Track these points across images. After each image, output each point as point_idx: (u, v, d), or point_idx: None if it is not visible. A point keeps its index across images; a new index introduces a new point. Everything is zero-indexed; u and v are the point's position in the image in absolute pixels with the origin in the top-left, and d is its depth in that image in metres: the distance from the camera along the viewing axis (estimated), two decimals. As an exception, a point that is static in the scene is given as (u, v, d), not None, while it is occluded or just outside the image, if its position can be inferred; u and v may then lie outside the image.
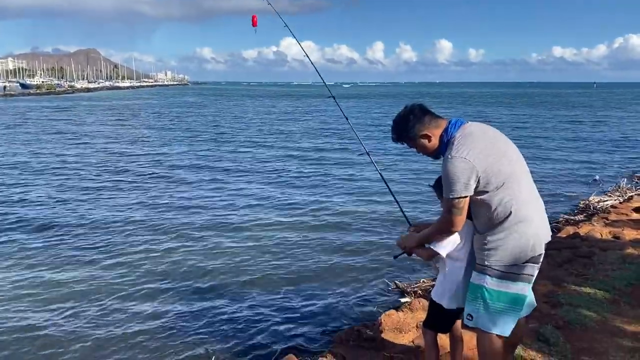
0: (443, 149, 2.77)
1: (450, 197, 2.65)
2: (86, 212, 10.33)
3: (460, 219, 2.70)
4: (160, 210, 10.55)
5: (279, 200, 11.48)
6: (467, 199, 2.66)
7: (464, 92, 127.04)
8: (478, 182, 2.62)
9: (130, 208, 10.71)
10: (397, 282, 6.51)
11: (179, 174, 14.74)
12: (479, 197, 2.68)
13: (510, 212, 2.64)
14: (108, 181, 13.65)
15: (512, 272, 2.70)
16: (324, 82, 4.76)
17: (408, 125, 2.84)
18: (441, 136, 2.80)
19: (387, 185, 3.75)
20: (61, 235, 8.85)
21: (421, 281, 6.34)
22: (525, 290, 2.76)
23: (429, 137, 2.82)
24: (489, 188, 2.64)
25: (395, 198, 3.71)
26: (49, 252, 7.96)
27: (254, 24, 4.40)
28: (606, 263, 5.64)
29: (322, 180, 13.96)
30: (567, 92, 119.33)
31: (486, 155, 2.63)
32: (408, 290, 6.12)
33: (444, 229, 2.79)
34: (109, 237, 8.73)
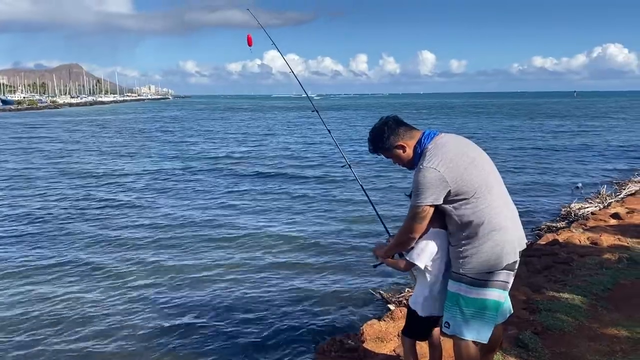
0: (417, 160, 2.84)
1: (416, 204, 2.72)
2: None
3: (421, 227, 2.77)
4: (130, 229, 10.50)
5: (260, 212, 11.49)
6: (431, 209, 2.71)
7: (446, 102, 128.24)
8: (449, 192, 2.68)
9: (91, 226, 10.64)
10: (381, 291, 6.55)
11: (142, 197, 14.43)
12: (451, 207, 2.73)
13: (484, 221, 2.70)
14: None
15: (487, 279, 2.75)
16: (307, 94, 4.89)
17: (383, 137, 2.91)
18: (415, 147, 2.86)
19: (368, 197, 3.81)
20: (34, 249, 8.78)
21: (406, 290, 6.37)
22: (501, 297, 2.82)
23: (403, 148, 2.89)
24: (461, 198, 2.70)
25: (375, 208, 3.77)
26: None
27: (249, 44, 4.41)
28: (584, 269, 5.74)
29: (303, 190, 14.01)
30: (549, 101, 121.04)
31: (457, 166, 2.69)
32: (392, 299, 6.15)
33: (405, 236, 2.85)
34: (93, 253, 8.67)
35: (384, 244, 3.14)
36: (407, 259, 2.95)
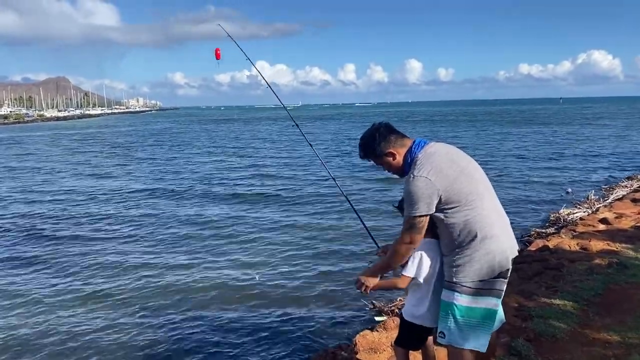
0: (407, 168, 2.83)
1: (412, 215, 2.70)
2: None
3: (419, 237, 2.75)
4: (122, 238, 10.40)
5: (251, 220, 11.44)
6: (427, 217, 2.71)
7: (436, 111, 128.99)
8: (440, 200, 2.68)
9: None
10: (374, 301, 6.52)
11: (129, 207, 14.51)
12: (442, 216, 2.73)
13: (475, 230, 2.70)
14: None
15: (481, 287, 2.74)
16: (283, 105, 4.92)
17: (374, 143, 2.90)
18: (405, 155, 2.86)
19: (355, 210, 3.81)
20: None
21: (398, 300, 6.35)
22: (495, 305, 2.80)
23: (393, 155, 2.88)
24: (452, 206, 2.70)
25: (362, 221, 3.77)
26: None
27: (217, 57, 4.43)
28: (574, 274, 5.75)
29: (294, 201, 13.97)
30: (535, 108, 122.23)
31: (447, 175, 2.69)
32: (385, 309, 6.14)
33: (403, 248, 2.80)
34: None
35: (369, 268, 3.05)
36: (404, 274, 2.92)
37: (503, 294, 2.85)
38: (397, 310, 5.94)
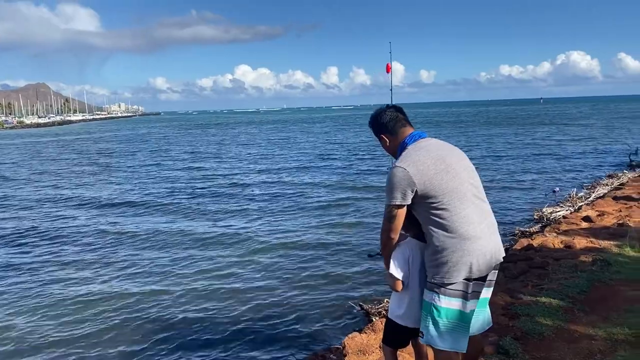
0: (398, 157, 2.87)
1: (387, 204, 2.76)
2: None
3: (395, 227, 2.79)
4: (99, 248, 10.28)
5: (240, 227, 11.38)
6: (404, 208, 2.74)
7: (419, 112, 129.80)
8: (416, 194, 2.68)
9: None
10: (361, 303, 6.52)
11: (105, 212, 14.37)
12: (421, 210, 2.74)
13: (453, 230, 2.68)
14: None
15: (457, 289, 2.71)
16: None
17: (374, 122, 3.04)
18: (399, 144, 2.92)
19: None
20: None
21: (385, 301, 6.35)
22: (472, 307, 2.77)
23: (384, 140, 2.98)
24: (429, 202, 2.69)
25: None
26: None
27: (387, 71, 4.42)
28: (559, 272, 5.82)
29: (283, 206, 13.94)
30: (517, 108, 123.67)
31: (427, 168, 2.69)
32: (373, 311, 6.14)
33: (383, 236, 2.88)
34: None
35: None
36: (389, 272, 2.93)
37: (483, 296, 2.83)
38: (384, 311, 5.94)
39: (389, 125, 2.96)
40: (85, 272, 8.62)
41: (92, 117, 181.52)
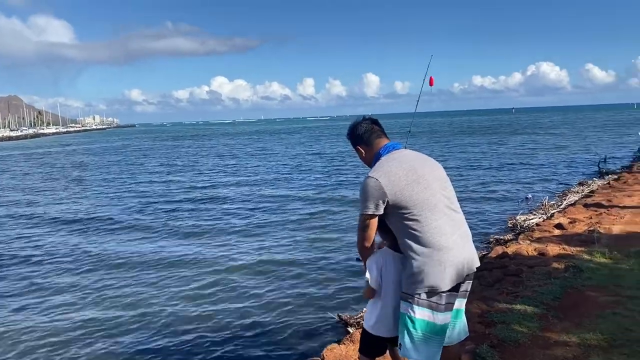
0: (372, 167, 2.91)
1: (360, 214, 2.82)
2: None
3: (367, 236, 2.85)
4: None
5: (216, 245, 11.29)
6: (376, 218, 2.80)
7: (394, 123, 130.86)
8: (388, 204, 2.72)
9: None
10: (339, 314, 6.52)
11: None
12: (394, 220, 2.78)
13: (425, 240, 2.69)
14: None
15: (432, 300, 2.73)
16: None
17: (350, 134, 3.10)
18: (374, 155, 2.97)
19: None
20: None
21: (363, 311, 6.37)
22: (446, 319, 2.79)
23: (360, 151, 3.05)
24: (401, 212, 2.73)
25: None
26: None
27: (430, 84, 4.39)
28: (533, 280, 5.91)
29: (261, 219, 13.89)
30: (490, 118, 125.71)
31: (398, 179, 2.73)
32: (351, 321, 6.14)
33: (358, 245, 2.95)
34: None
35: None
36: (366, 281, 2.96)
37: (459, 307, 2.87)
38: (362, 321, 5.95)
39: (364, 137, 3.01)
40: (54, 298, 8.26)
41: (65, 129, 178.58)
